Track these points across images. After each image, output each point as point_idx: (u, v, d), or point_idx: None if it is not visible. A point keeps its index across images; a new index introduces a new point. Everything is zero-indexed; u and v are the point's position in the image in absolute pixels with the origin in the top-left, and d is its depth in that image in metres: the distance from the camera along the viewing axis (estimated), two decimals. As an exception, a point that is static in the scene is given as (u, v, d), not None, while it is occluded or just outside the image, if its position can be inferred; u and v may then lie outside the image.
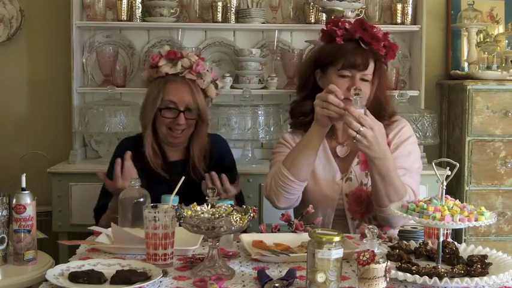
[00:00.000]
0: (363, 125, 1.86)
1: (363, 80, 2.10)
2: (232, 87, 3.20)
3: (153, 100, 2.30)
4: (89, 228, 1.95)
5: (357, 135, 1.86)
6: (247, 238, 1.81)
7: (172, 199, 1.75)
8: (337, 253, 1.37)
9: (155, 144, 2.34)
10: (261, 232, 1.94)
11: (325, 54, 2.18)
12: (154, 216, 1.59)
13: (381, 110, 2.13)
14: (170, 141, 2.35)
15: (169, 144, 2.37)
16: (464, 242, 2.91)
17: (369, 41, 2.12)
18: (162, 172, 2.31)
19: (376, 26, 2.19)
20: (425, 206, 1.52)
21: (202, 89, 2.35)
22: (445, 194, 1.55)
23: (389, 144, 2.12)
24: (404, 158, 2.12)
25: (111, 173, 2.36)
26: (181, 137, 2.33)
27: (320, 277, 1.37)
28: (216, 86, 2.42)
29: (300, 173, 2.05)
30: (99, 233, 1.87)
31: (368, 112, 1.91)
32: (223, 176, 2.20)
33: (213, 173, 2.20)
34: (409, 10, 3.25)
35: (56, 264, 1.69)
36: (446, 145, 3.35)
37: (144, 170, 2.28)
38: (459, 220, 1.47)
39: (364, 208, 2.11)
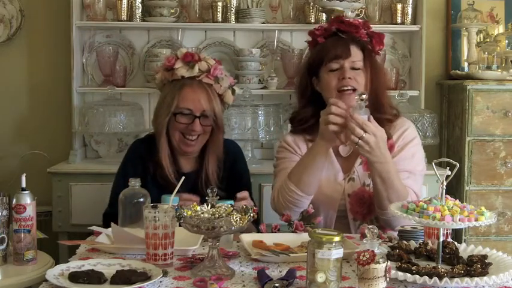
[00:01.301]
0: (365, 131, 1.85)
1: (353, 68, 2.11)
2: (232, 87, 3.20)
3: (168, 104, 2.20)
4: (89, 228, 1.94)
5: (359, 141, 1.86)
6: (247, 238, 1.81)
7: (172, 199, 1.75)
8: (337, 253, 1.37)
9: (169, 152, 2.24)
10: (261, 232, 1.94)
11: (312, 58, 2.22)
12: (154, 216, 1.59)
13: (378, 102, 2.12)
14: (183, 150, 2.24)
15: (182, 153, 2.26)
16: (464, 242, 2.91)
17: (347, 29, 2.14)
18: (176, 182, 2.12)
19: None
20: (425, 206, 1.52)
21: (219, 95, 2.25)
22: (445, 194, 1.55)
23: (393, 146, 2.12)
24: (408, 161, 2.11)
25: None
26: (195, 145, 2.23)
27: (320, 277, 1.37)
28: (233, 92, 2.32)
29: (309, 187, 2.04)
30: (99, 233, 1.86)
31: (372, 118, 1.90)
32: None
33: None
34: (409, 10, 3.25)
35: (56, 264, 1.68)
36: (446, 145, 3.35)
37: (155, 179, 2.21)
38: (459, 220, 1.47)
39: (366, 209, 2.10)
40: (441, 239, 1.55)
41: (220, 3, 3.16)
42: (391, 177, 1.96)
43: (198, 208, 1.58)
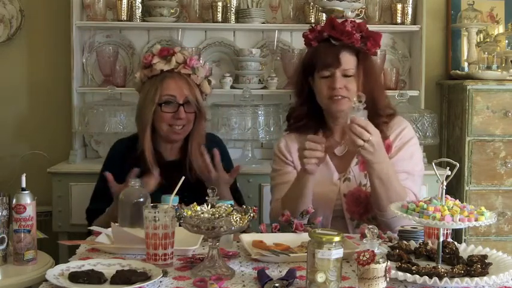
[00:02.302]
0: (370, 133, 1.85)
1: (345, 76, 2.10)
2: (232, 87, 3.20)
3: (152, 97, 2.27)
4: (88, 228, 1.95)
5: (365, 144, 1.86)
6: (247, 238, 1.81)
7: (172, 199, 1.75)
8: (337, 253, 1.37)
9: (151, 145, 2.30)
10: (261, 232, 1.94)
11: (306, 60, 2.22)
12: (154, 216, 1.59)
13: (374, 105, 2.11)
14: (171, 138, 2.31)
15: (169, 140, 2.33)
16: (464, 242, 2.90)
17: (338, 36, 2.12)
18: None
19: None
20: (425, 206, 1.52)
21: (197, 85, 2.33)
22: (445, 194, 1.55)
23: (390, 146, 2.11)
24: (407, 161, 2.11)
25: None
26: (182, 133, 2.30)
27: (320, 277, 1.37)
28: (209, 82, 2.40)
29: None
30: (99, 233, 1.86)
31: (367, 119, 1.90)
32: (215, 150, 2.22)
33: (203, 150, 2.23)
34: (409, 10, 3.25)
35: (56, 264, 1.68)
36: (446, 145, 3.35)
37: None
38: (459, 220, 1.47)
39: (363, 209, 2.10)
40: (441, 239, 1.55)
41: (220, 3, 3.16)
42: (390, 177, 1.96)
43: (198, 208, 1.58)
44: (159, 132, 2.31)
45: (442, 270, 1.45)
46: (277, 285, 1.44)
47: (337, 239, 1.37)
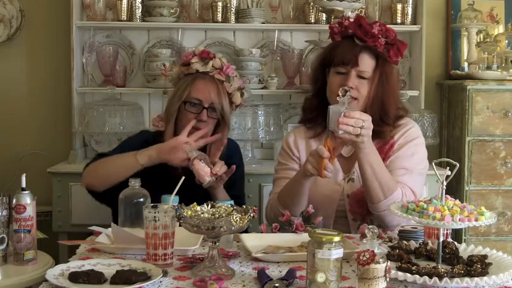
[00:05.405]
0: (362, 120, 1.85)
1: (360, 77, 2.09)
2: (232, 87, 3.20)
3: (180, 94, 2.30)
4: (89, 228, 1.94)
5: (362, 131, 1.85)
6: (247, 238, 1.81)
7: (172, 199, 1.75)
8: (337, 253, 1.37)
9: None
10: (261, 232, 1.94)
11: (325, 52, 2.22)
12: (154, 216, 1.59)
13: (383, 113, 2.11)
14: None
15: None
16: (464, 242, 2.90)
17: (362, 37, 2.11)
18: (180, 169, 2.21)
19: (381, 23, 2.18)
20: (425, 206, 1.52)
21: (228, 94, 2.33)
22: (445, 194, 1.55)
23: (393, 144, 2.11)
24: (406, 159, 2.10)
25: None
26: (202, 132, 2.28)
27: (320, 277, 1.37)
28: (242, 94, 2.40)
29: (298, 209, 2.03)
30: (99, 233, 1.87)
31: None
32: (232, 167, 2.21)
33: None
34: (409, 10, 3.25)
35: (56, 264, 1.69)
36: (446, 145, 3.35)
37: (162, 168, 2.21)
38: (459, 220, 1.47)
39: (366, 210, 2.09)
40: (441, 239, 1.55)
41: (220, 3, 3.16)
42: (379, 165, 1.97)
43: (198, 208, 1.59)
44: (179, 130, 2.29)
45: (442, 270, 1.45)
46: (277, 285, 1.44)
47: (337, 239, 1.37)
